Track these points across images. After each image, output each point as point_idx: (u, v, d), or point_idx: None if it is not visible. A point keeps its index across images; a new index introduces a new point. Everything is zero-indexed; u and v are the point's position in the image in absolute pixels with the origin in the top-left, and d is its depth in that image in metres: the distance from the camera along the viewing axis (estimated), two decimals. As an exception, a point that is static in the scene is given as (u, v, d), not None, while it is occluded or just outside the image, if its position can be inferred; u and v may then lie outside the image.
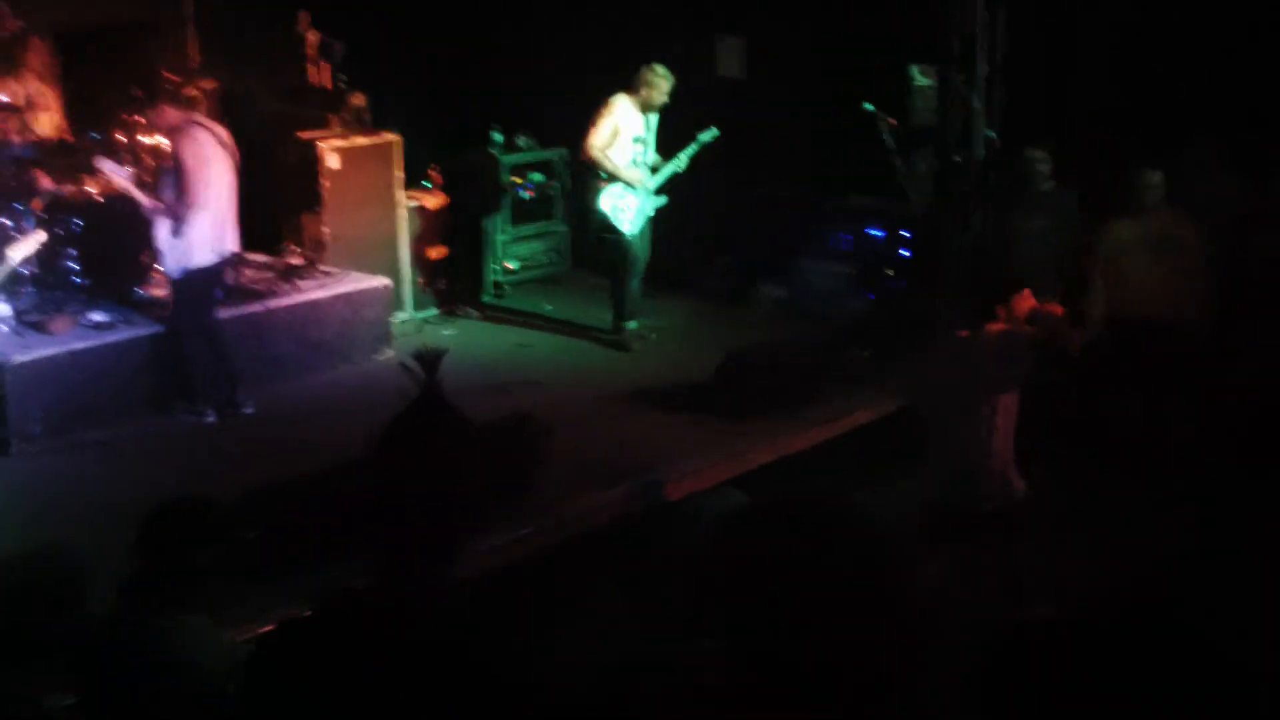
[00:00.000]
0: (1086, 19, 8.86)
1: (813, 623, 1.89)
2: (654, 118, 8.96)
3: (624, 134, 8.87)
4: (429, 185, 10.23)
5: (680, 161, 9.00)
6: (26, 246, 6.14)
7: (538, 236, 10.93)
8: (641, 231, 9.09)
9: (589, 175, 9.06)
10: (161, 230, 7.61)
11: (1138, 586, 5.66)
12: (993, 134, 9.16)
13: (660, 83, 8.82)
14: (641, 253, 9.17)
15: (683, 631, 3.28)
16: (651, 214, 9.09)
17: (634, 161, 8.95)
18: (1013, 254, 8.09)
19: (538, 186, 10.82)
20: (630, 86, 8.88)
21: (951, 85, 9.17)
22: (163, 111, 7.63)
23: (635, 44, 10.60)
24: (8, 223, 8.39)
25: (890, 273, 9.84)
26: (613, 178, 8.90)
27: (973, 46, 9.02)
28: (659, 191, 9.07)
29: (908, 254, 9.80)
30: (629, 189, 8.93)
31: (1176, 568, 6.04)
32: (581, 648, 4.73)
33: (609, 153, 8.85)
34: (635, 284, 9.25)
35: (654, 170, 9.03)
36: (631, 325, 9.26)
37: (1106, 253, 7.58)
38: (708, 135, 8.94)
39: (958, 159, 9.24)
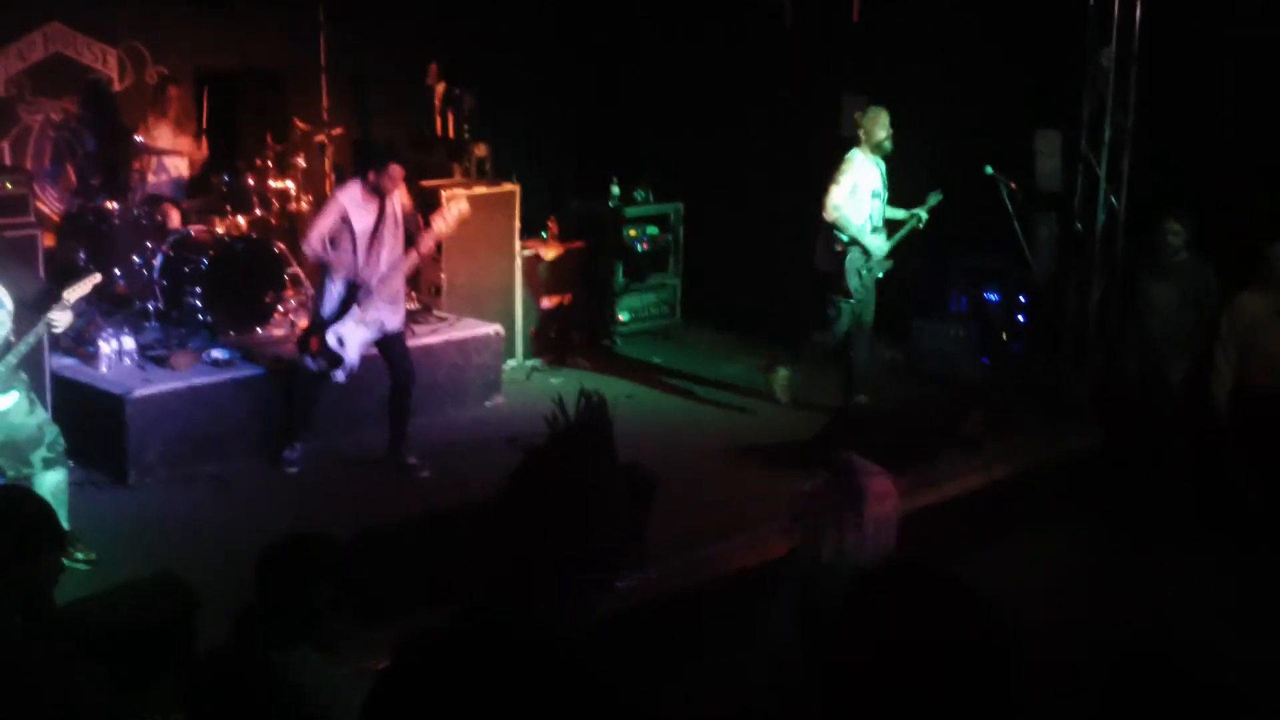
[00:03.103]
0: (1221, 86, 8.70)
1: (917, 698, 1.88)
2: (884, 166, 8.59)
3: (863, 189, 8.51)
4: (546, 235, 10.34)
5: (912, 224, 8.67)
6: (83, 287, 6.12)
7: (650, 289, 10.97)
8: (868, 299, 8.73)
9: (824, 234, 8.63)
10: (398, 282, 7.66)
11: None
12: (1116, 201, 9.03)
13: (879, 117, 8.45)
14: (867, 316, 8.81)
15: (793, 693, 3.23)
16: (880, 276, 8.69)
17: (871, 217, 8.56)
18: (1141, 324, 7.94)
19: (652, 240, 10.86)
20: (855, 139, 8.54)
21: (1077, 150, 9.06)
22: (396, 170, 7.45)
23: (759, 100, 10.67)
24: (137, 259, 8.65)
25: (1006, 337, 9.72)
26: (854, 241, 8.53)
27: (1100, 112, 8.91)
28: (888, 256, 8.71)
29: (1025, 319, 9.68)
30: (868, 256, 8.58)
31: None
32: (697, 693, 4.68)
33: (848, 211, 8.47)
34: (865, 349, 8.92)
35: (887, 231, 8.68)
36: (861, 399, 8.82)
37: (1237, 325, 7.45)
38: (935, 199, 8.63)
39: (1080, 226, 9.11)
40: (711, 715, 2.31)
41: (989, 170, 9.07)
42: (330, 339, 7.47)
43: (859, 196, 8.51)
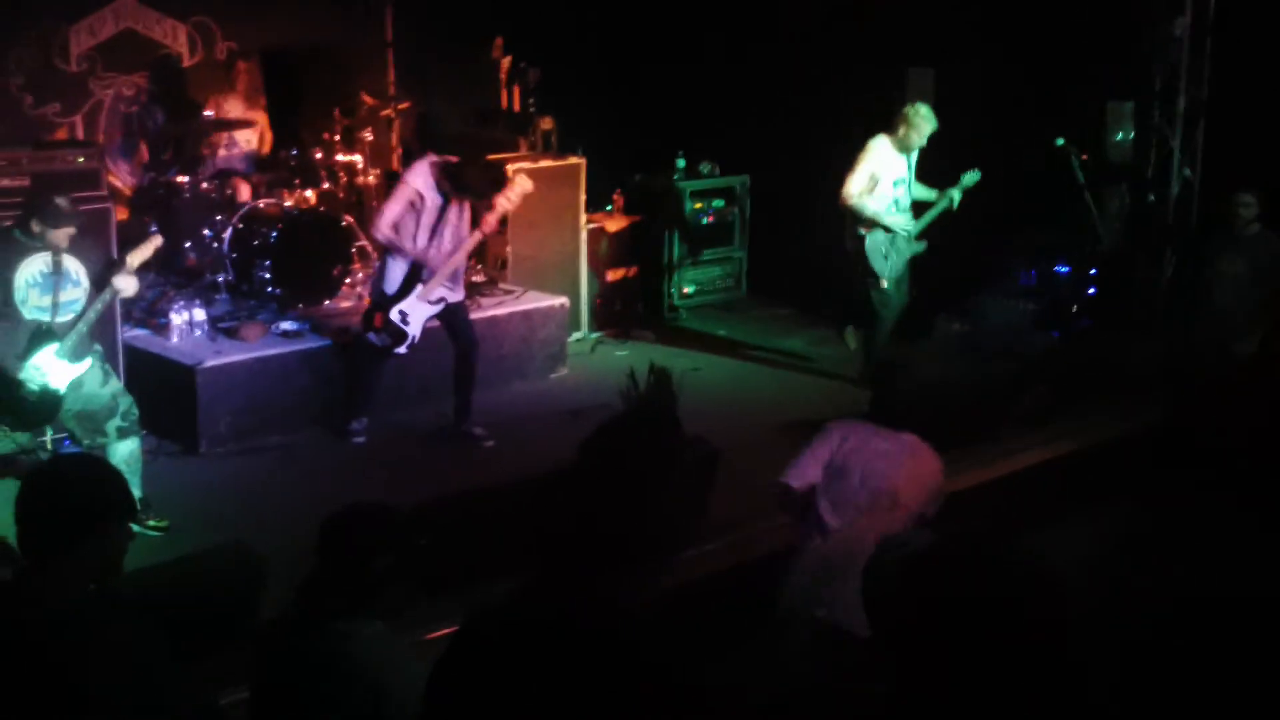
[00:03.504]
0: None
1: (984, 672, 1.88)
2: (913, 158, 8.54)
3: (884, 178, 8.46)
4: (610, 208, 10.35)
5: (944, 204, 8.61)
6: (144, 251, 6.24)
7: (715, 262, 10.97)
8: (900, 278, 8.71)
9: (847, 219, 8.62)
10: (460, 260, 7.70)
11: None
12: (1189, 173, 8.89)
13: (921, 124, 8.33)
14: (899, 299, 8.78)
15: (856, 669, 3.24)
16: (910, 257, 8.67)
17: (896, 203, 8.53)
18: (1211, 297, 7.82)
19: (717, 213, 10.86)
20: (889, 127, 8.46)
21: (1149, 122, 8.92)
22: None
23: (823, 72, 10.57)
24: (207, 233, 8.77)
25: (1076, 310, 9.61)
26: (874, 224, 8.52)
27: (1174, 83, 8.76)
28: (919, 236, 8.67)
29: (1095, 292, 9.56)
30: (893, 236, 8.56)
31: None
32: (753, 669, 4.69)
33: (868, 198, 8.44)
34: (888, 330, 8.89)
35: (915, 214, 8.63)
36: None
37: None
38: (970, 178, 8.56)
39: (1152, 197, 8.98)
40: (762, 692, 2.33)
41: (1060, 142, 8.96)
42: (394, 315, 7.55)
43: (881, 185, 8.46)
